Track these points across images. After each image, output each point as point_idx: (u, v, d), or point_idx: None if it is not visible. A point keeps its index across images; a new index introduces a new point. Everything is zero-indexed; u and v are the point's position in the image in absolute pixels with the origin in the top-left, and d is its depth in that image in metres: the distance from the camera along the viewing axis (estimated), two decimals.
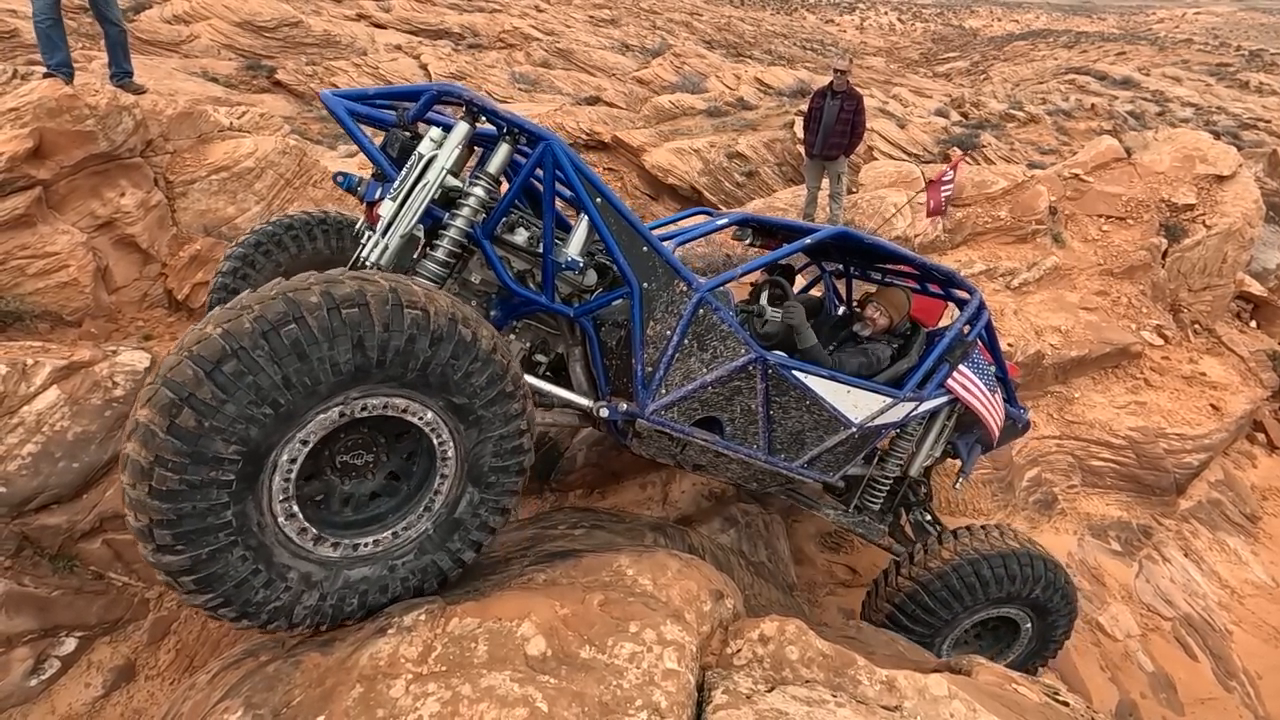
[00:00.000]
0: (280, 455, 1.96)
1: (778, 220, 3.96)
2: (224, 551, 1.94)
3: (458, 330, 2.08)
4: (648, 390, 2.82)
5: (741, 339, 2.93)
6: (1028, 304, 7.77)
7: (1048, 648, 3.89)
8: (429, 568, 2.33)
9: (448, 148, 2.49)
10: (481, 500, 2.34)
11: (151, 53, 16.55)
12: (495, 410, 2.23)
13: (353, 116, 2.57)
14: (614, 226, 2.69)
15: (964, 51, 53.33)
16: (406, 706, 1.89)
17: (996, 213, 8.68)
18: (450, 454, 2.23)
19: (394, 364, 2.01)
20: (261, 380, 1.84)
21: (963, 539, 3.52)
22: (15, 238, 4.66)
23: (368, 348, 1.95)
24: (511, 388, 2.25)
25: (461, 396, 2.16)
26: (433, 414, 2.16)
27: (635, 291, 2.73)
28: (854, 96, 7.54)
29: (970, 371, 3.53)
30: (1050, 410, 7.23)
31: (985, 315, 3.63)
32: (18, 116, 4.77)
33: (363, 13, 24.50)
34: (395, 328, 1.97)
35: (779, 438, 3.16)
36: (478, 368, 2.15)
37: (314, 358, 1.89)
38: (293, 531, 2.06)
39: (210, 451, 1.82)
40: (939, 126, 16.61)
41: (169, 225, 5.52)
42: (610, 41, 28.31)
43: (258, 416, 1.86)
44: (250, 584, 2.02)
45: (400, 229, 2.44)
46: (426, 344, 2.03)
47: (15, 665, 3.35)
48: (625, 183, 13.76)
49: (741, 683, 2.11)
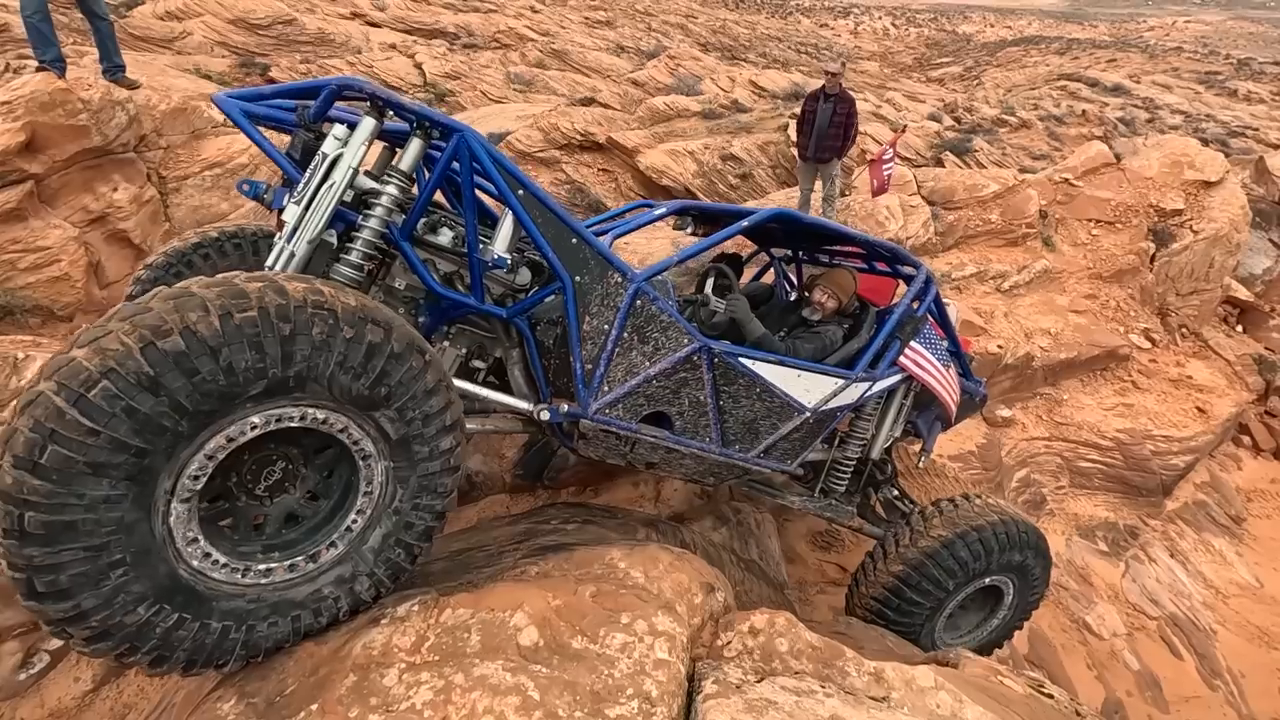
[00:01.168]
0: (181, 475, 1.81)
1: (717, 206, 3.88)
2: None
3: (366, 330, 1.92)
4: (589, 389, 2.71)
5: (684, 328, 2.82)
6: (1018, 306, 7.85)
7: (1027, 609, 3.93)
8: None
9: (353, 145, 2.33)
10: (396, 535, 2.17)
11: (143, 49, 16.46)
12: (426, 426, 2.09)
13: (249, 118, 2.43)
14: (539, 219, 2.56)
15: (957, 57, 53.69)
16: (400, 695, 1.90)
17: (988, 216, 8.76)
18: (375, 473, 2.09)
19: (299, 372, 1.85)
20: (141, 401, 1.65)
21: (944, 515, 3.50)
22: (6, 232, 4.65)
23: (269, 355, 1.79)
24: (438, 390, 2.10)
25: (388, 409, 2.01)
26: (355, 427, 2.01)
27: (567, 286, 2.62)
28: (846, 99, 7.59)
29: (922, 347, 3.51)
30: (1039, 412, 7.31)
31: (933, 289, 3.60)
32: (10, 110, 4.76)
33: (357, 11, 24.44)
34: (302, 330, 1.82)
35: (731, 428, 3.06)
36: (401, 371, 2.00)
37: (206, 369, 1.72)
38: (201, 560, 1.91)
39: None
40: (932, 131, 16.73)
41: (162, 221, 5.51)
42: (605, 43, 28.35)
43: (137, 443, 1.68)
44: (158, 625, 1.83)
45: (307, 234, 2.28)
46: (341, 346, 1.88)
47: (5, 659, 3.33)
48: (620, 184, 13.79)
49: (731, 673, 2.13)
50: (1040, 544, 3.65)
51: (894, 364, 3.43)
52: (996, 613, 3.88)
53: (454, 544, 3.23)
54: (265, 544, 2.07)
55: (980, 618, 3.96)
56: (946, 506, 3.54)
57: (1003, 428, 7.01)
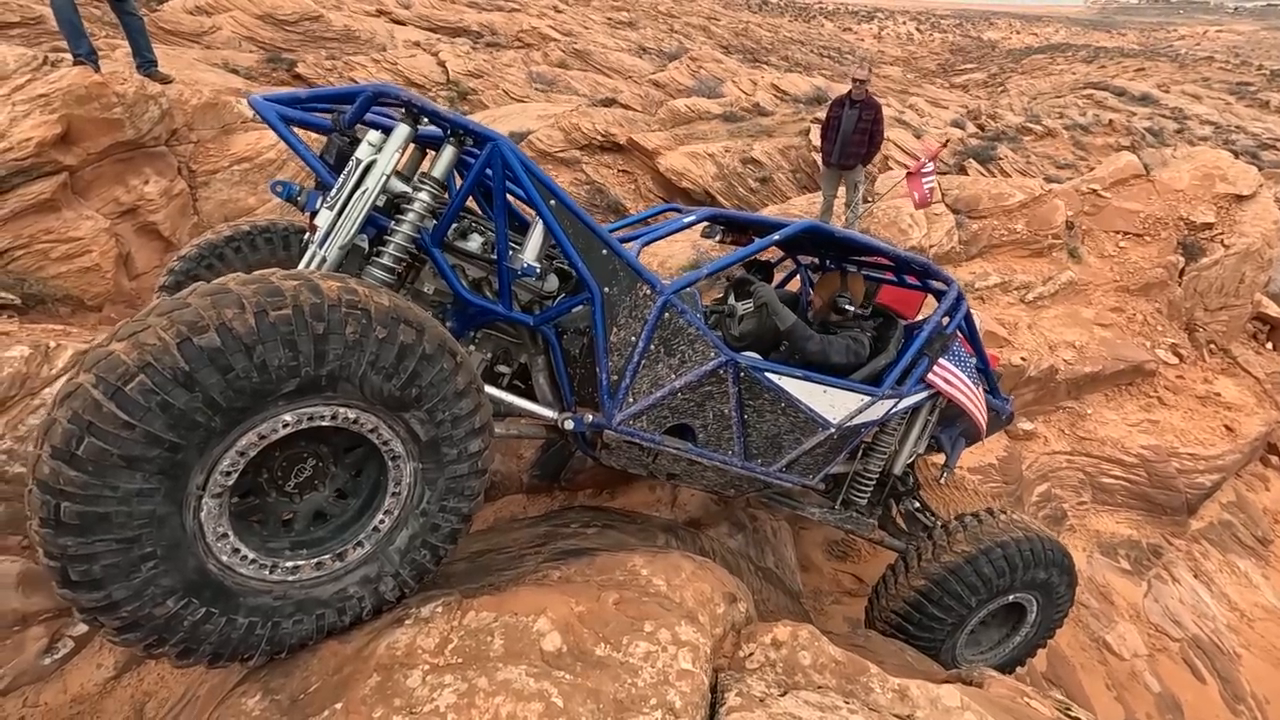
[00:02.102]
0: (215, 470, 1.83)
1: (747, 216, 3.85)
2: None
3: (399, 331, 1.92)
4: (614, 399, 2.70)
5: (711, 342, 2.81)
6: (1042, 318, 7.75)
7: (1051, 627, 3.87)
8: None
9: (387, 152, 2.34)
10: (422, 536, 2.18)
11: (173, 43, 16.71)
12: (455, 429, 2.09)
13: (286, 122, 2.44)
14: (570, 229, 2.55)
15: (982, 63, 53.20)
16: (423, 697, 1.90)
17: (1013, 225, 8.66)
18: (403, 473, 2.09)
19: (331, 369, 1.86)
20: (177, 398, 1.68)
21: (968, 529, 3.45)
22: (40, 222, 4.72)
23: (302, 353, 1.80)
24: (467, 392, 2.10)
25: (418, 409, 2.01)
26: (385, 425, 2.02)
27: (596, 297, 2.61)
28: (872, 106, 7.53)
29: (951, 364, 3.45)
30: (1062, 426, 7.21)
31: (964, 305, 3.56)
32: (47, 103, 4.83)
33: (383, 9, 24.64)
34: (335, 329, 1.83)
35: (754, 442, 3.04)
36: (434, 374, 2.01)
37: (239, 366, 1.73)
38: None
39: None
40: (955, 138, 16.57)
41: (190, 214, 5.57)
42: (628, 44, 28.38)
43: (171, 438, 1.70)
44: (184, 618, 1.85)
45: (339, 240, 2.30)
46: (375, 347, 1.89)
47: (30, 644, 3.38)
48: (640, 185, 13.78)
49: (755, 686, 2.11)
50: (1065, 561, 3.59)
51: (922, 380, 3.39)
52: (1019, 630, 3.83)
53: (474, 544, 3.23)
54: (294, 541, 2.08)
55: (1002, 634, 3.91)
56: (970, 521, 3.49)
57: (1024, 441, 6.92)
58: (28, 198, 4.64)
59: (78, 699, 3.44)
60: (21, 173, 4.64)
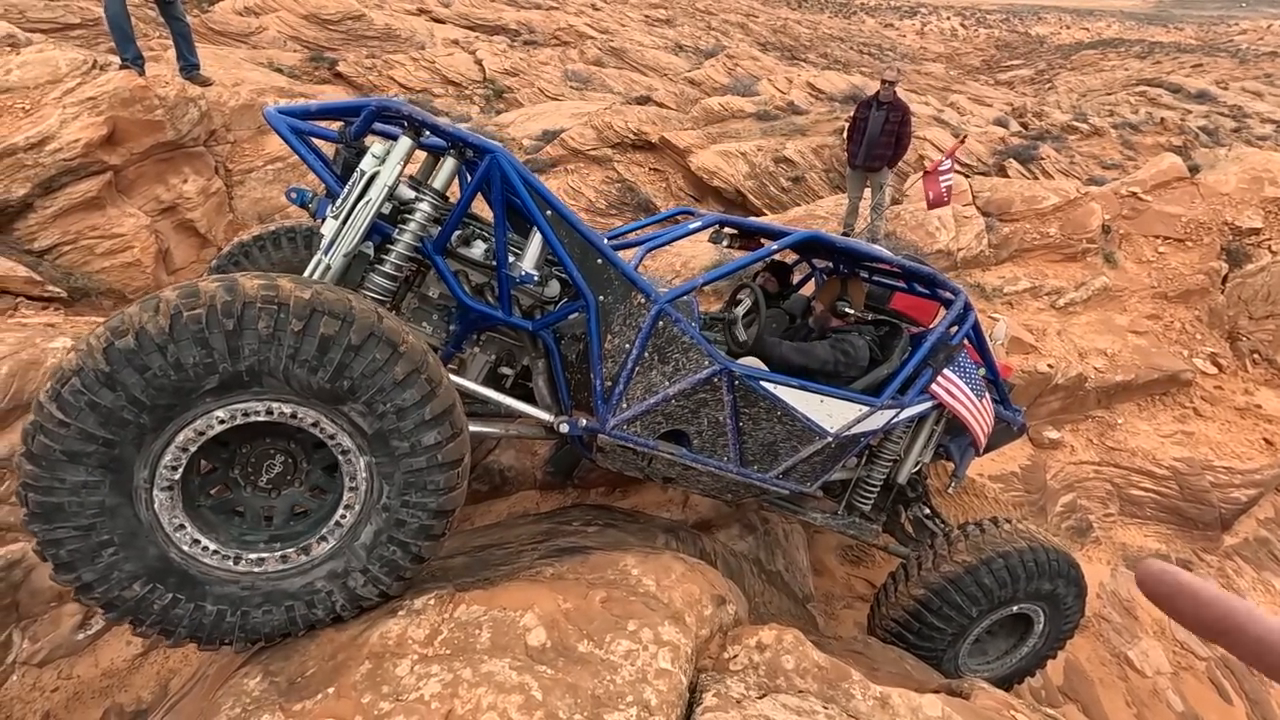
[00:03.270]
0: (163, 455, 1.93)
1: (754, 223, 3.86)
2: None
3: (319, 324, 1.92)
4: (608, 405, 2.77)
5: (705, 350, 2.83)
6: (1073, 325, 7.57)
7: (1060, 639, 3.82)
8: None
9: (389, 164, 2.41)
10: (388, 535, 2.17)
11: (222, 43, 17.26)
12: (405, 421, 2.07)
13: (297, 134, 2.53)
14: (566, 239, 2.62)
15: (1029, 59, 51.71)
16: (410, 685, 1.99)
17: (1046, 229, 8.46)
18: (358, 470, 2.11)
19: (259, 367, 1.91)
20: (102, 398, 1.79)
21: (969, 539, 3.42)
22: (86, 219, 4.98)
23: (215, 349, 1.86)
24: (426, 385, 2.08)
25: (357, 403, 2.00)
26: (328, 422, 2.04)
27: (591, 305, 2.68)
28: (900, 107, 7.44)
29: (955, 376, 3.42)
30: (1090, 435, 7.04)
31: (971, 316, 3.52)
32: (95, 105, 5.08)
33: (423, 7, 25.06)
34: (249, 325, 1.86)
35: (750, 449, 3.06)
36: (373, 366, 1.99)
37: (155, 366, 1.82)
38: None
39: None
40: (996, 137, 16.19)
41: (226, 211, 5.80)
42: (664, 41, 28.34)
43: (103, 434, 1.83)
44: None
45: (342, 248, 2.37)
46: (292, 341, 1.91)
47: (65, 620, 3.59)
48: (671, 184, 13.80)
49: (734, 687, 2.15)
50: (1072, 572, 3.53)
51: (925, 391, 3.37)
52: (1026, 640, 3.78)
53: (477, 539, 3.33)
54: (272, 535, 2.16)
55: (1009, 644, 3.86)
56: (972, 531, 3.45)
57: (1049, 450, 6.78)
58: (75, 196, 4.89)
59: (108, 673, 3.64)
60: (70, 172, 4.89)
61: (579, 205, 11.88)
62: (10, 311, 4.22)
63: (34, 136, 4.78)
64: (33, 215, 4.81)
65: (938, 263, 7.77)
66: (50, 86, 5.25)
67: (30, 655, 3.50)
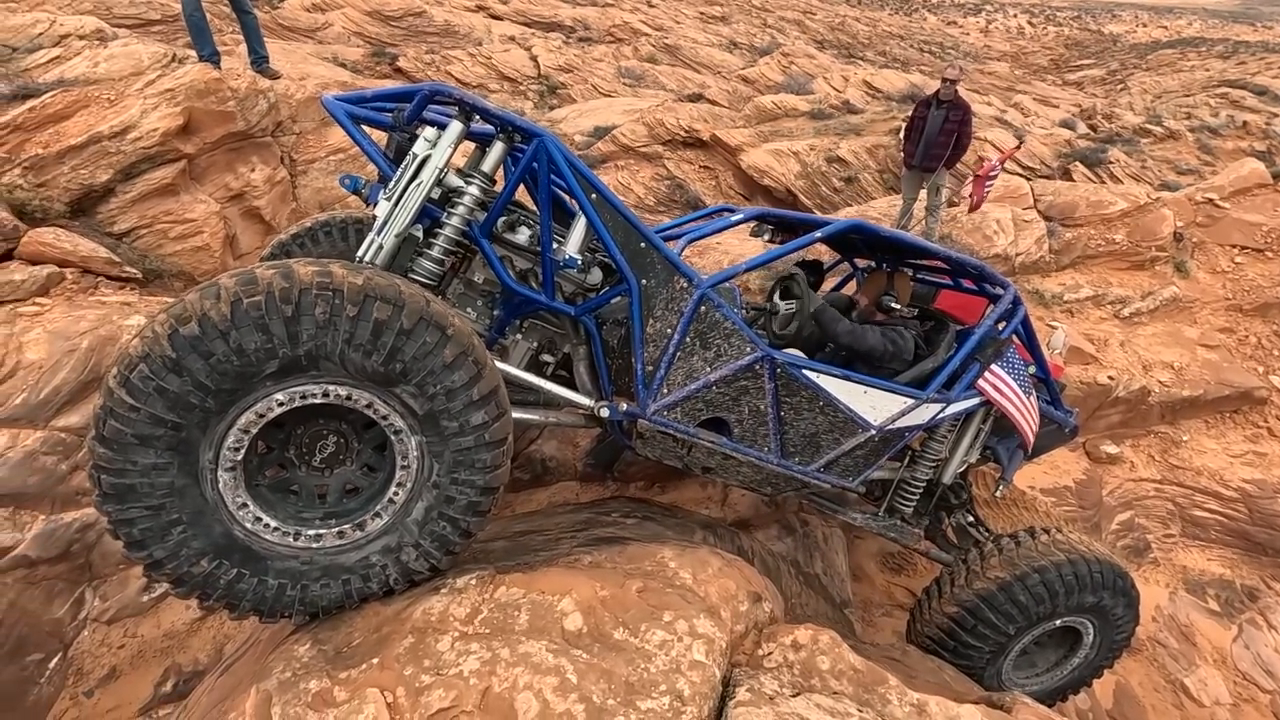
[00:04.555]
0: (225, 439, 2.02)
1: (795, 215, 3.78)
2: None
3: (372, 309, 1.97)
4: (649, 390, 2.76)
5: (747, 337, 2.81)
6: (1137, 335, 7.25)
7: (1113, 650, 3.67)
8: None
9: (440, 148, 2.47)
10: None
11: (290, 38, 17.90)
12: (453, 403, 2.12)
13: (353, 120, 2.60)
14: (610, 223, 2.63)
15: (1100, 59, 49.58)
16: (450, 661, 2.05)
17: (1112, 235, 8.12)
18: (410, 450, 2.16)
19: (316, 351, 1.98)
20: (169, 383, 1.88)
21: (1004, 552, 3.31)
22: (161, 204, 5.24)
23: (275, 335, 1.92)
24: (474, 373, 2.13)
25: (410, 386, 2.06)
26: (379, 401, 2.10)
27: (633, 289, 2.68)
28: (960, 106, 7.23)
29: (1004, 371, 3.30)
30: (1152, 451, 6.74)
31: (1021, 310, 3.40)
32: (172, 96, 5.34)
33: (481, 4, 25.50)
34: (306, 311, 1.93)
35: (791, 440, 3.01)
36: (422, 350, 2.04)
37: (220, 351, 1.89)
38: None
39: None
40: (1062, 139, 15.59)
41: (289, 200, 6.03)
42: (719, 39, 28.18)
43: (171, 418, 1.92)
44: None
45: (394, 229, 2.43)
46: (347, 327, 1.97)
47: (132, 581, 3.81)
48: (720, 182, 13.73)
49: (767, 684, 2.15)
50: (1120, 583, 3.37)
51: (971, 387, 3.26)
52: (1076, 653, 3.63)
53: (518, 525, 3.39)
54: (327, 512, 2.24)
55: (1058, 657, 3.72)
56: (1007, 544, 3.34)
57: (1107, 465, 6.51)
58: (152, 182, 5.16)
59: (169, 634, 3.85)
60: (148, 159, 5.16)
61: (629, 201, 11.93)
62: (91, 290, 4.48)
63: (117, 126, 5.05)
64: (113, 200, 5.09)
65: (994, 267, 7.55)
66: (133, 79, 5.54)
67: (100, 613, 3.72)
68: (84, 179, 4.93)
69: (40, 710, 3.55)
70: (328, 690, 1.99)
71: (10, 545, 3.50)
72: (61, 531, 3.61)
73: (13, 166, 4.79)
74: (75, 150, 4.92)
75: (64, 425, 3.71)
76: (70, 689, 3.61)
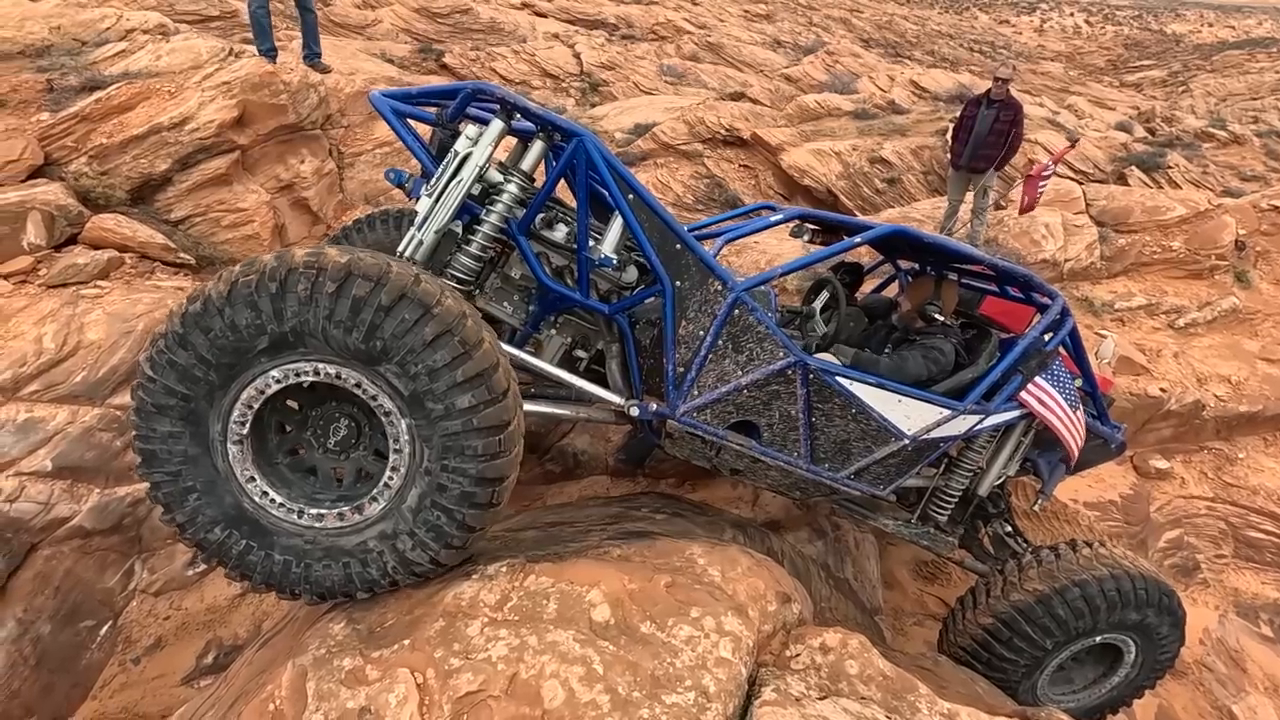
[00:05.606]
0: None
1: (836, 216, 3.73)
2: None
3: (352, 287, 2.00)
4: (679, 391, 2.77)
5: (780, 341, 2.79)
6: (1192, 347, 6.97)
7: (1156, 669, 3.54)
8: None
9: (482, 145, 2.51)
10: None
11: (340, 34, 18.32)
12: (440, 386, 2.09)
13: (398, 116, 2.64)
14: (646, 223, 2.64)
15: (1161, 59, 47.73)
16: (479, 646, 2.08)
17: (1168, 243, 7.82)
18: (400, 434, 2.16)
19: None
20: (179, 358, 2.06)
21: (1043, 565, 3.20)
22: (215, 193, 5.42)
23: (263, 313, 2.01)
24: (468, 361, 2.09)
25: (393, 364, 2.06)
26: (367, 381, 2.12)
27: (667, 290, 2.69)
28: (1012, 106, 7.03)
29: (1048, 384, 3.19)
30: (1205, 468, 6.47)
31: (1069, 321, 3.30)
32: (228, 89, 5.51)
33: (527, 2, 25.72)
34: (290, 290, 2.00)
35: (822, 446, 2.98)
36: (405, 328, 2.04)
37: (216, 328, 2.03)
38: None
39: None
40: (1117, 142, 15.05)
41: (336, 191, 6.18)
42: (762, 37, 27.94)
43: (181, 389, 2.09)
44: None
45: (434, 224, 2.49)
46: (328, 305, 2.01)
47: (178, 556, 3.96)
48: (760, 181, 13.61)
49: (794, 685, 2.13)
50: (1165, 600, 3.25)
51: (1013, 399, 3.18)
52: (1116, 671, 3.50)
53: (549, 516, 3.42)
54: (339, 494, 2.30)
55: (1097, 674, 3.59)
56: (1046, 555, 3.23)
57: (1156, 480, 6.28)
58: (207, 172, 5.34)
59: (211, 608, 3.98)
60: (204, 150, 5.34)
61: (666, 199, 11.92)
62: (148, 274, 4.66)
63: (176, 117, 5.24)
64: (170, 188, 5.29)
65: (1042, 273, 7.33)
66: (192, 72, 5.74)
67: (148, 584, 3.88)
68: (144, 168, 5.13)
69: (91, 673, 3.71)
70: (360, 668, 2.04)
71: (68, 516, 3.67)
72: (115, 505, 3.77)
73: (80, 155, 5.01)
74: (137, 140, 5.12)
75: (119, 403, 3.87)
76: (119, 656, 3.77)
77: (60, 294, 4.22)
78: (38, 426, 3.70)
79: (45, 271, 4.32)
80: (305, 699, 1.98)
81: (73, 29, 6.06)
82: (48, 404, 3.79)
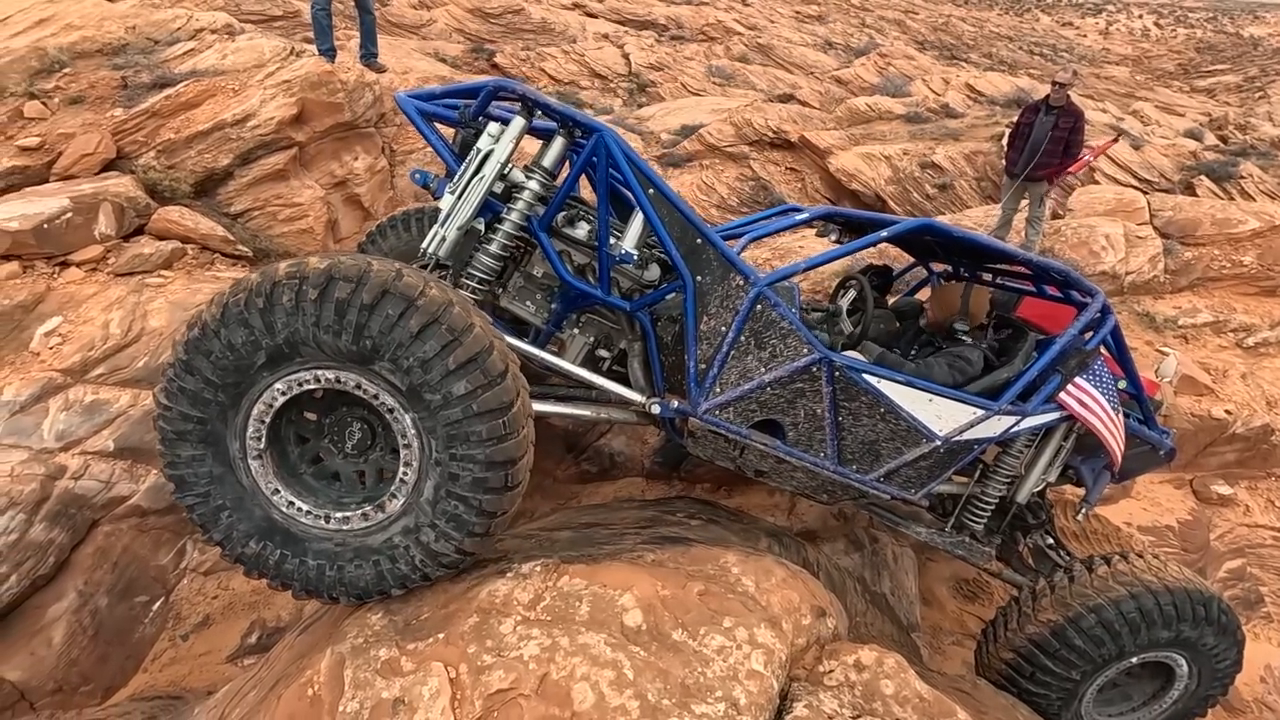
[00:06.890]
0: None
1: (864, 214, 3.63)
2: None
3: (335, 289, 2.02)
4: (701, 388, 2.72)
5: (804, 338, 2.71)
6: (1262, 368, 6.63)
7: (1216, 688, 3.35)
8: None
9: (503, 143, 2.52)
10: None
11: (396, 34, 18.74)
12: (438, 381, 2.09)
13: (424, 116, 2.67)
14: (666, 218, 2.63)
15: (1236, 64, 45.50)
16: (511, 644, 2.10)
17: (1240, 257, 7.45)
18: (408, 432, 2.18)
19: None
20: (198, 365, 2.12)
21: (1077, 580, 3.07)
22: (273, 188, 5.59)
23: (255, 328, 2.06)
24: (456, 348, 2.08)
25: (387, 361, 2.07)
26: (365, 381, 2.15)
27: (688, 285, 2.66)
28: (1072, 113, 6.79)
29: (1090, 385, 3.02)
30: (1272, 495, 6.15)
31: (1111, 319, 3.14)
32: (288, 87, 5.69)
33: (578, 2, 25.91)
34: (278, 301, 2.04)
35: (849, 447, 2.88)
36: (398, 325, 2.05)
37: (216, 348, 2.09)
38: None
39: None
40: (1186, 150, 14.40)
41: (388, 189, 6.32)
42: (813, 39, 27.59)
43: (195, 414, 2.16)
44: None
45: (457, 221, 2.51)
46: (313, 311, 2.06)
47: None
48: (807, 184, 13.44)
49: (826, 702, 2.09)
50: (1218, 615, 3.07)
51: (1052, 400, 3.02)
52: (1174, 684, 3.32)
53: (584, 517, 3.44)
54: (365, 496, 2.34)
55: (1150, 693, 3.42)
56: (1079, 571, 3.09)
57: (1217, 506, 5.99)
58: (266, 168, 5.52)
59: (256, 590, 4.11)
60: (264, 146, 5.52)
61: (711, 201, 11.86)
62: (208, 265, 4.85)
63: (239, 114, 5.43)
64: (231, 183, 5.48)
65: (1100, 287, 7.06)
66: (255, 70, 5.94)
67: (198, 564, 4.03)
68: (208, 163, 5.33)
69: (144, 647, 3.88)
70: (396, 660, 2.08)
71: (127, 495, 3.84)
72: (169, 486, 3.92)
73: (149, 149, 5.23)
74: (202, 135, 5.32)
75: None
76: (169, 631, 3.93)
77: (127, 282, 4.41)
78: (102, 408, 3.88)
79: (114, 260, 4.53)
80: (342, 686, 2.03)
81: (147, 29, 6.33)
82: (112, 387, 3.97)
